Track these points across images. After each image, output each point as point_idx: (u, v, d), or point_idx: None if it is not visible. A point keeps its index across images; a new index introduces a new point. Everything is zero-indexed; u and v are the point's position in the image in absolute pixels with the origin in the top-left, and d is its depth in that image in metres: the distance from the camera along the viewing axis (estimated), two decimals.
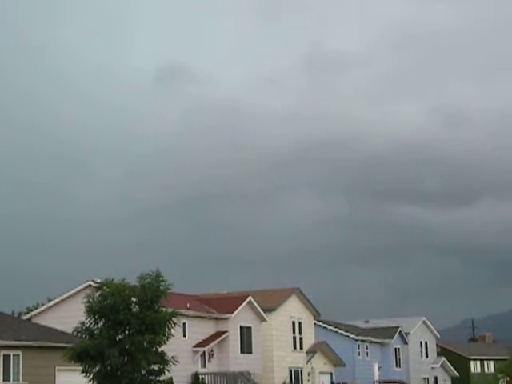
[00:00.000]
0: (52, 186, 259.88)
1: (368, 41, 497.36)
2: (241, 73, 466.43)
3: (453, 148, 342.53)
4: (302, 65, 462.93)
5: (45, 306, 52.76)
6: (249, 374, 56.47)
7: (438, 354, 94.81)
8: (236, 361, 56.74)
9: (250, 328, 59.10)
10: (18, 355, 39.22)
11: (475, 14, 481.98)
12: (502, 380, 76.47)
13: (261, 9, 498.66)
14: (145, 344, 32.23)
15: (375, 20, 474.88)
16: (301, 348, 66.82)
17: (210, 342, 55.26)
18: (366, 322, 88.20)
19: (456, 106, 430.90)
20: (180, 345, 49.46)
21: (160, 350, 33.04)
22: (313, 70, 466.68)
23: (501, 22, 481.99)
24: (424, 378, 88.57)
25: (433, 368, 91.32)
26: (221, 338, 56.10)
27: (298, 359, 66.05)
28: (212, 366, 55.63)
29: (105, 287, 33.04)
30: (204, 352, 54.98)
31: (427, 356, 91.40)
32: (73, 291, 49.88)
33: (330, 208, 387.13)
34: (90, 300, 32.80)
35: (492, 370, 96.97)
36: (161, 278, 33.22)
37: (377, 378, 77.57)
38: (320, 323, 73.24)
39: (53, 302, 52.01)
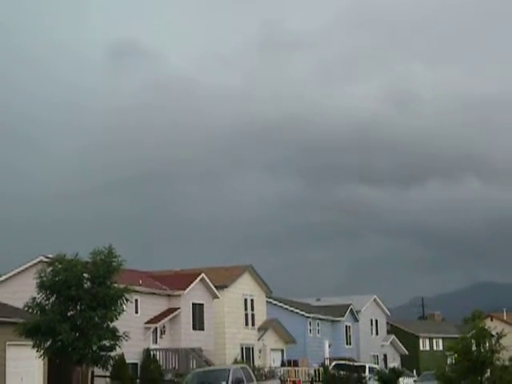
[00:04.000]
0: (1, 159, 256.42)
1: (322, 21, 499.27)
2: (193, 51, 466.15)
3: (404, 131, 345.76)
4: (255, 44, 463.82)
5: None
6: (200, 350, 56.64)
7: (388, 332, 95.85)
8: (188, 337, 56.85)
9: (202, 305, 59.21)
10: None
11: None
12: (450, 357, 77.50)
13: None
14: (96, 320, 32.22)
15: (329, 1, 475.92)
16: (253, 325, 67.13)
17: (162, 319, 55.28)
18: (318, 299, 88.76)
19: (409, 90, 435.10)
20: (132, 321, 49.40)
21: (112, 325, 33.05)
22: (266, 49, 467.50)
23: (456, 7, 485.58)
24: (374, 356, 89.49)
25: (383, 346, 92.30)
26: (173, 314, 56.15)
27: (250, 336, 66.37)
28: (164, 343, 55.67)
29: (57, 263, 32.92)
30: (156, 328, 54.99)
31: (377, 334, 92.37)
32: (24, 266, 49.35)
33: (282, 189, 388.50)
34: (42, 275, 32.65)
35: (441, 347, 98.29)
36: (113, 255, 33.19)
37: (327, 355, 78.20)
38: (272, 300, 73.59)
39: (3, 277, 51.40)
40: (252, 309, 67.26)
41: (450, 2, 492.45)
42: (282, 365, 68.10)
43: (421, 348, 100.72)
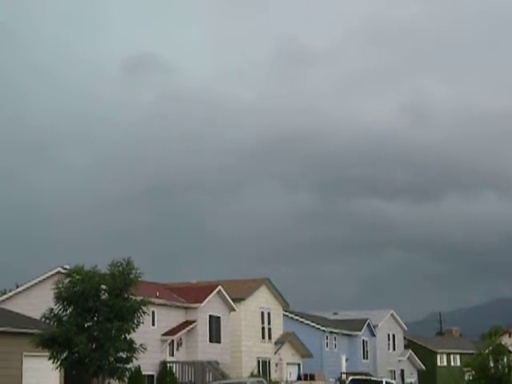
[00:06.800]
0: (13, 171, 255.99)
1: (338, 36, 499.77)
2: (211, 63, 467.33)
3: (420, 145, 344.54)
4: (271, 57, 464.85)
5: (13, 292, 52.35)
6: (217, 363, 56.53)
7: (405, 347, 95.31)
8: (204, 350, 56.76)
9: (218, 317, 59.13)
10: None
11: (446, 13, 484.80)
12: (467, 374, 77.00)
13: (232, 0, 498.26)
14: (113, 332, 32.25)
15: (346, 15, 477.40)
16: (269, 338, 66.96)
17: (179, 331, 55.23)
18: (335, 313, 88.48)
19: (425, 105, 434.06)
20: (148, 333, 49.40)
21: (128, 337, 33.06)
22: (282, 62, 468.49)
23: (471, 21, 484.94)
24: (391, 371, 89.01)
25: (400, 361, 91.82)
26: (190, 327, 56.10)
27: (267, 349, 66.19)
28: (180, 355, 55.61)
29: (74, 274, 32.99)
30: (172, 341, 54.94)
31: (394, 349, 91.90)
32: (42, 277, 49.51)
33: (298, 202, 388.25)
34: (60, 286, 32.71)
35: (458, 363, 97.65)
36: (131, 267, 33.22)
37: (344, 369, 77.90)
38: (289, 314, 73.41)
39: (21, 288, 51.60)
40: (269, 322, 67.10)
41: (465, 16, 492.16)
42: (299, 379, 67.95)
43: (438, 364, 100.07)
